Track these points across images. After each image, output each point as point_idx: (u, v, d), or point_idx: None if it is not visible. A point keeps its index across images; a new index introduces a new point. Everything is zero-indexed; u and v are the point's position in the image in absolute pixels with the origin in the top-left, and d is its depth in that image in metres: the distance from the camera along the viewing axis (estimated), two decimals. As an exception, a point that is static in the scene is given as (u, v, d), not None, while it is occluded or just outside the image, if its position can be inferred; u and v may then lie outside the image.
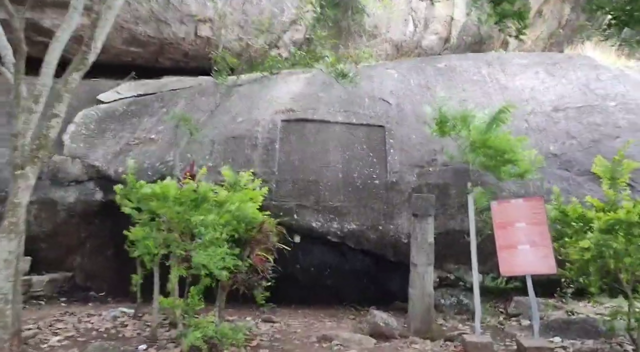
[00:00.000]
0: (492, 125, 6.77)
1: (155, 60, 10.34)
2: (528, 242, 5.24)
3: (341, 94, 8.65)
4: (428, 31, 12.68)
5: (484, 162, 6.77)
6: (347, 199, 7.42)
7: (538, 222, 5.26)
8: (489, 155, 6.71)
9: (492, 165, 6.87)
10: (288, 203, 7.32)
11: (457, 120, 6.83)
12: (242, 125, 7.99)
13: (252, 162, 7.52)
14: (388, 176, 7.57)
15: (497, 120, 6.75)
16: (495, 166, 6.88)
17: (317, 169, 7.61)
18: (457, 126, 6.87)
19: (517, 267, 5.25)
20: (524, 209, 5.41)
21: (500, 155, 6.56)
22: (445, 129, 6.93)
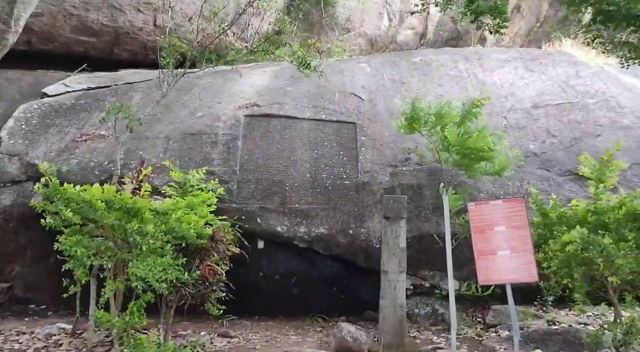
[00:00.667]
0: (465, 121, 6.44)
1: (110, 51, 9.70)
2: (508, 248, 4.87)
3: (310, 88, 8.20)
4: (403, 26, 12.35)
5: (457, 160, 6.42)
6: (315, 201, 6.96)
7: (519, 225, 4.89)
8: (462, 153, 6.37)
9: (465, 163, 6.53)
10: (250, 205, 6.81)
11: (430, 116, 6.46)
12: (201, 121, 7.45)
13: (211, 161, 6.99)
14: (359, 176, 7.14)
15: (470, 114, 6.41)
16: (469, 164, 6.55)
17: (283, 168, 7.13)
18: (429, 123, 6.51)
19: (496, 275, 4.87)
20: (504, 211, 5.04)
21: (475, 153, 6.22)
22: (415, 125, 6.55)
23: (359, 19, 11.87)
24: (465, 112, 6.37)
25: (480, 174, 6.64)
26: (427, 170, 7.26)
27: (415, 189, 7.09)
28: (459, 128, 6.38)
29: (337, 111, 7.83)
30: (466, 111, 6.37)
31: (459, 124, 6.44)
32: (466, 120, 6.45)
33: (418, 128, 6.63)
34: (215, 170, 6.91)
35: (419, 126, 6.63)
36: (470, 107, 6.32)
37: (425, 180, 7.16)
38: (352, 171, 7.20)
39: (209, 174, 6.76)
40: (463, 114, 6.36)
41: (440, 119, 6.41)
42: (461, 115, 6.39)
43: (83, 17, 8.65)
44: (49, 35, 8.42)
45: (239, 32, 10.68)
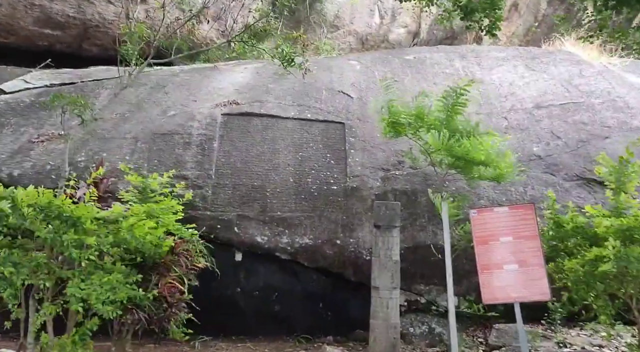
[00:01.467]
0: (453, 117, 5.84)
1: (78, 46, 9.10)
2: (516, 261, 4.32)
3: (295, 85, 7.66)
4: (395, 24, 11.89)
5: (452, 163, 5.85)
6: (299, 208, 6.38)
7: (528, 235, 4.35)
8: (455, 156, 5.79)
9: (461, 166, 5.96)
10: (227, 213, 6.22)
11: (411, 117, 5.88)
12: (173, 120, 6.86)
13: (184, 164, 6.40)
14: (348, 181, 6.59)
15: (456, 107, 5.79)
16: (465, 167, 5.98)
17: (264, 172, 6.56)
18: (413, 124, 5.93)
19: (503, 292, 4.31)
20: (511, 219, 4.50)
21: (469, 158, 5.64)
22: (400, 129, 6.00)
23: (348, 16, 11.40)
24: (449, 106, 5.78)
25: (478, 178, 6.09)
26: (422, 174, 6.72)
27: (409, 195, 6.55)
28: (444, 129, 5.76)
29: (324, 110, 7.29)
30: (451, 105, 5.78)
31: (446, 122, 5.84)
32: (453, 116, 5.86)
33: (404, 132, 6.07)
34: (188, 174, 6.32)
35: (404, 130, 6.06)
36: (455, 99, 5.73)
37: (420, 185, 6.62)
38: (340, 175, 6.64)
39: (180, 178, 6.22)
40: (447, 108, 5.77)
41: (422, 120, 5.84)
42: (445, 111, 5.79)
43: (47, 8, 8.05)
44: (8, 27, 7.83)
45: (220, 27, 10.16)
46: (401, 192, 6.57)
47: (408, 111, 5.77)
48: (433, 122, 5.77)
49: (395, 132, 6.02)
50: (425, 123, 5.67)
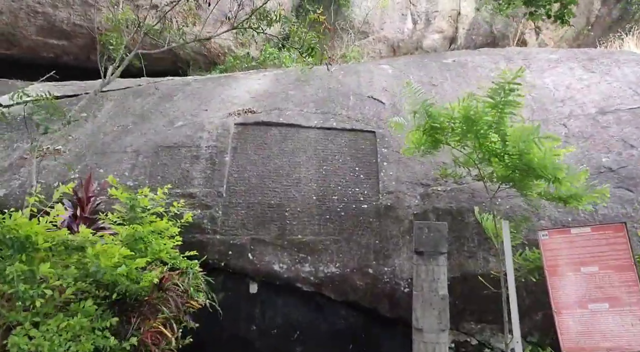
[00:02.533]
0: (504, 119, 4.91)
1: (87, 58, 8.65)
2: (606, 299, 3.36)
3: (318, 91, 6.93)
4: (430, 29, 11.11)
5: (506, 175, 4.91)
6: (323, 231, 5.57)
7: (621, 265, 3.40)
8: (514, 166, 4.86)
9: (517, 179, 5.01)
10: (240, 237, 5.46)
11: (455, 121, 4.99)
12: (181, 131, 6.20)
13: (191, 180, 5.70)
14: (380, 198, 5.74)
15: (506, 106, 4.83)
16: (522, 181, 5.03)
17: (282, 188, 5.78)
18: (457, 131, 5.03)
19: (590, 341, 3.35)
20: (594, 243, 3.56)
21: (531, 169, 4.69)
22: (440, 136, 5.11)
23: (378, 22, 10.72)
24: (499, 105, 4.84)
25: (540, 197, 5.14)
26: (469, 190, 5.81)
27: (454, 215, 5.64)
28: (492, 134, 4.88)
29: (351, 118, 6.50)
30: (500, 104, 4.84)
31: (496, 126, 4.92)
32: (504, 118, 4.93)
33: (445, 140, 5.19)
34: (195, 191, 5.61)
35: (445, 137, 5.18)
36: (504, 96, 4.78)
37: (467, 203, 5.71)
38: (371, 192, 5.80)
39: (186, 196, 5.52)
40: (497, 108, 4.83)
41: (471, 124, 4.93)
42: (495, 112, 4.86)
43: (51, 16, 7.62)
44: (10, 38, 7.43)
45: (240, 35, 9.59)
46: (444, 211, 5.67)
47: (450, 114, 4.90)
48: (481, 126, 4.88)
49: (434, 141, 5.16)
50: (474, 127, 4.79)
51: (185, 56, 9.16)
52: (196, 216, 5.47)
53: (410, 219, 5.63)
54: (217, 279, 5.59)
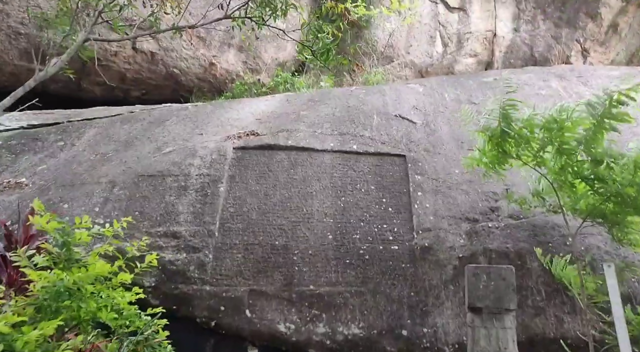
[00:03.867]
0: (601, 133, 3.95)
1: (77, 85, 7.95)
2: None
3: (335, 110, 5.98)
4: (462, 52, 10.20)
5: (594, 206, 3.85)
6: (342, 280, 4.45)
7: None
8: (606, 194, 3.83)
9: (609, 211, 3.94)
10: (235, 288, 4.38)
11: (536, 128, 4.03)
12: (167, 158, 5.26)
13: (176, 216, 4.69)
14: (415, 237, 4.62)
15: (606, 119, 3.88)
16: (616, 214, 3.95)
17: (290, 226, 4.73)
18: (535, 141, 4.07)
19: None
20: None
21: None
22: (510, 148, 4.14)
23: (403, 44, 9.89)
24: (597, 117, 3.84)
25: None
26: (530, 226, 4.65)
27: (512, 259, 4.46)
28: (580, 150, 3.92)
29: (376, 139, 5.49)
30: (599, 116, 3.84)
31: (585, 142, 3.93)
32: (600, 133, 3.93)
33: (516, 153, 4.18)
34: (181, 230, 4.59)
35: (516, 149, 4.18)
36: (607, 107, 3.79)
37: (528, 242, 4.53)
38: (403, 229, 4.69)
39: (169, 236, 4.52)
40: (595, 121, 3.85)
41: (556, 134, 3.93)
42: (591, 125, 3.88)
43: (35, 38, 6.94)
44: (-9, 63, 6.80)
45: (248, 60, 8.85)
46: (499, 254, 4.50)
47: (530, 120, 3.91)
48: (567, 139, 3.89)
49: (501, 155, 4.13)
50: (558, 139, 3.78)
51: (188, 83, 8.42)
52: (180, 261, 4.44)
53: (454, 264, 4.47)
54: (206, 343, 4.48)
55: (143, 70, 8.09)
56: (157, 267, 4.39)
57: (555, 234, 4.53)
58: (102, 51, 7.58)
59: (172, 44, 7.95)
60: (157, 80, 8.33)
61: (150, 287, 4.35)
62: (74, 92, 8.06)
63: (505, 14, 10.23)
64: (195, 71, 8.43)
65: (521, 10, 10.25)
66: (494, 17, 10.25)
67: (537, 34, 10.22)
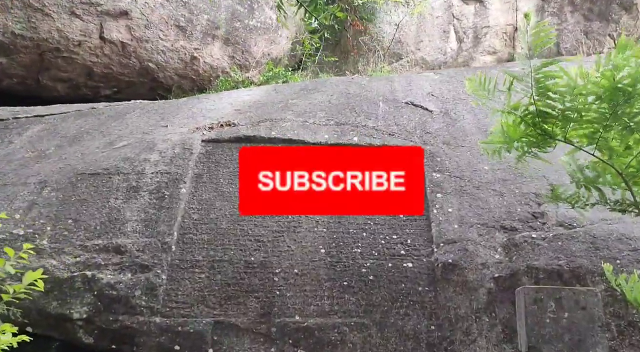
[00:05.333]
0: None
1: (36, 81, 7.06)
2: None
3: (331, 97, 5.04)
4: (479, 48, 9.33)
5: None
6: (338, 308, 3.44)
7: None
8: None
9: None
10: (195, 319, 3.37)
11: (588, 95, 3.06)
12: (117, 153, 4.31)
13: (120, 225, 3.71)
14: (436, 251, 3.61)
15: None
16: None
17: (272, 236, 3.75)
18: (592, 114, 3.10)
19: None
20: None
21: None
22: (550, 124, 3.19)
23: (413, 40, 9.01)
24: None
25: None
26: (589, 237, 3.62)
27: (567, 281, 3.42)
28: None
29: (382, 130, 4.52)
30: None
31: None
32: None
33: (563, 133, 3.20)
34: (127, 243, 3.60)
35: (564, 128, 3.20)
36: None
37: (587, 258, 3.49)
38: (418, 241, 3.69)
39: (110, 251, 3.53)
40: None
41: (625, 101, 2.96)
42: None
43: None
44: None
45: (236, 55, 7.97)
46: (548, 273, 3.46)
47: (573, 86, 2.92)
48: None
49: (541, 135, 3.14)
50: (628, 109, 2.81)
51: (166, 80, 7.54)
52: (123, 284, 3.44)
53: (488, 287, 3.43)
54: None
55: (113, 64, 7.19)
56: (92, 293, 3.40)
57: (624, 247, 3.49)
58: (63, 40, 6.70)
59: (146, 33, 7.07)
60: (130, 76, 7.43)
61: (81, 319, 3.34)
62: (33, 89, 7.15)
63: (527, 5, 9.32)
64: (174, 66, 7.54)
65: (546, 2, 9.36)
66: (515, 9, 9.36)
67: (564, 28, 9.30)
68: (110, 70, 7.27)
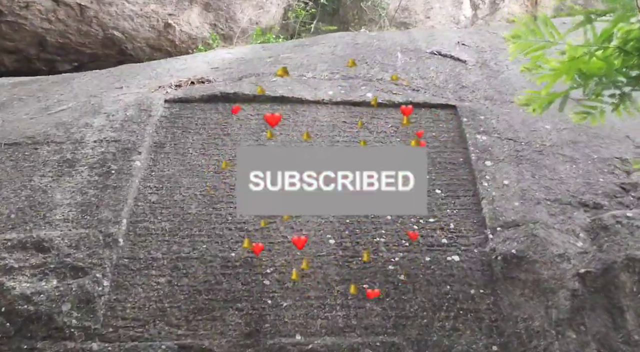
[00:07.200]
0: None
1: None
2: None
3: (335, 49, 4.12)
4: (497, 16, 8.47)
5: None
6: (356, 323, 2.49)
7: None
8: None
9: None
10: (152, 343, 2.39)
11: None
12: (50, 119, 3.33)
13: (47, 211, 2.76)
14: (491, 239, 2.67)
15: None
16: None
17: (260, 224, 2.72)
18: None
19: None
20: None
21: None
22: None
23: (422, 8, 8.09)
24: None
25: None
26: None
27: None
28: None
29: (402, 85, 3.56)
30: None
31: None
32: None
33: None
34: (53, 237, 2.63)
35: None
36: None
37: None
38: (465, 225, 2.75)
39: (32, 248, 2.54)
40: None
41: None
42: None
43: None
44: None
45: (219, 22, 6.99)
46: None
47: None
48: None
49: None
50: None
51: (136, 52, 6.56)
52: (45, 296, 2.47)
53: (572, 289, 2.47)
54: None
55: (71, 31, 6.19)
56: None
57: None
58: (6, 0, 5.70)
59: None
60: (92, 47, 6.45)
61: (-20, 347, 2.34)
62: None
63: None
64: (145, 35, 6.55)
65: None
66: (537, -32, 8.48)
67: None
68: (67, 40, 6.27)
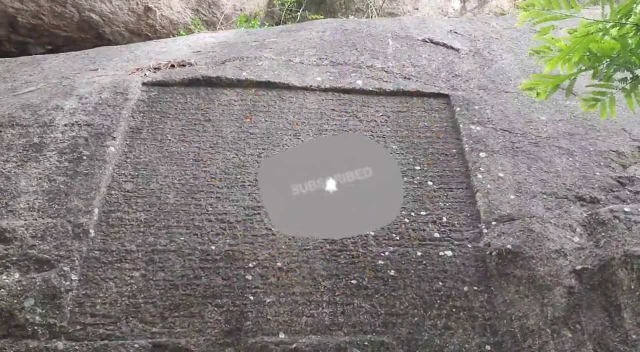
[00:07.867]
0: None
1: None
2: None
3: (323, 34, 3.99)
4: (486, 8, 8.35)
5: None
6: (344, 320, 2.36)
7: None
8: None
9: None
10: (125, 342, 2.24)
11: None
12: (16, 100, 3.14)
13: (10, 199, 2.57)
14: (485, 233, 2.58)
15: None
16: None
17: (242, 215, 2.64)
18: None
19: None
20: None
21: None
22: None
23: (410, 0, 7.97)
24: None
25: None
26: None
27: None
28: None
29: (393, 72, 3.45)
30: None
31: None
32: None
33: None
34: (16, 227, 2.47)
35: None
36: None
37: None
38: (458, 219, 2.66)
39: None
40: None
41: None
42: None
43: None
44: None
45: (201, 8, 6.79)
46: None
47: None
48: None
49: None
50: None
51: (115, 37, 6.34)
52: (6, 291, 2.29)
53: (569, 286, 2.38)
54: None
55: (43, 12, 5.94)
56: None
57: None
58: (-25, -21, 5.45)
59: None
60: (67, 30, 6.20)
61: None
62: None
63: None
64: (123, 19, 6.32)
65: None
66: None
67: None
68: (40, 21, 6.02)
